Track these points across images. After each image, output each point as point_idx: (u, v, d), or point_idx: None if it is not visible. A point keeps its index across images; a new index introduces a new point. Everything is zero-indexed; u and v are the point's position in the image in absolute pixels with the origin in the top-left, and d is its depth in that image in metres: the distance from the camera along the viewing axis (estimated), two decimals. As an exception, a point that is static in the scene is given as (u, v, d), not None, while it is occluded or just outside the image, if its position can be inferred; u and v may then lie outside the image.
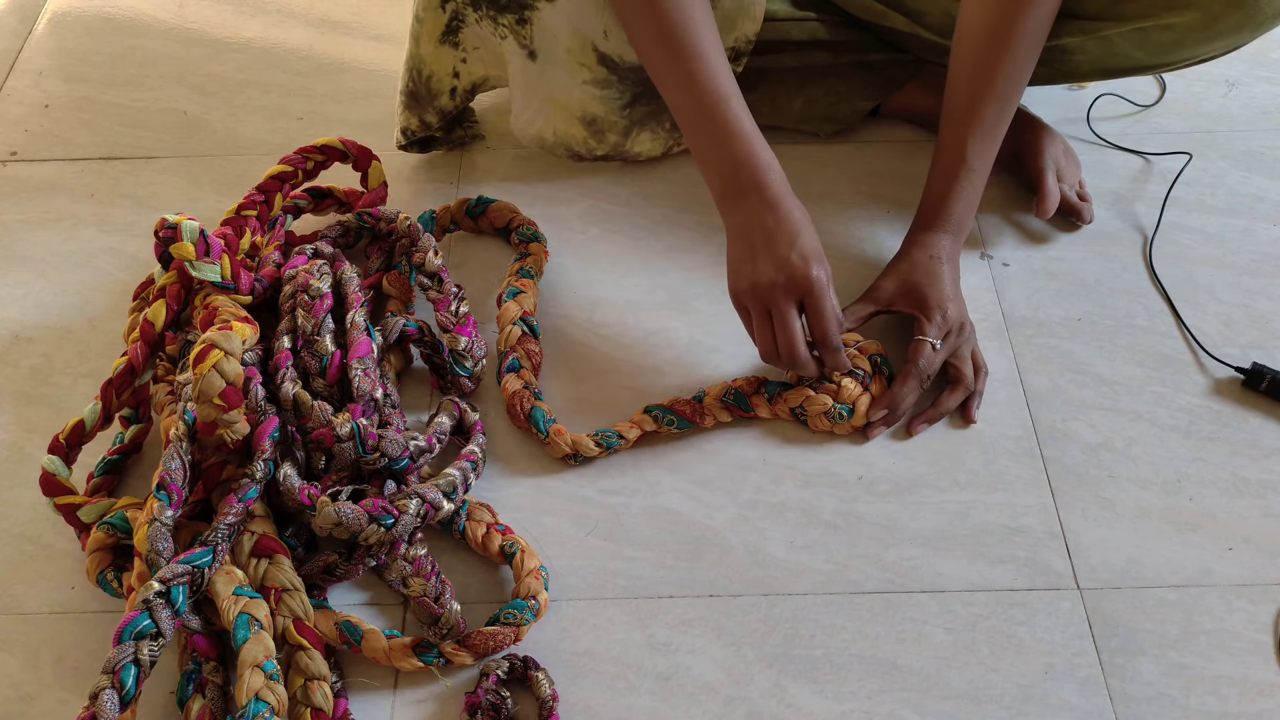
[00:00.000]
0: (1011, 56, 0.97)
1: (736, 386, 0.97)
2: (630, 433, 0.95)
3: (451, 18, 1.09)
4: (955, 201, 1.00)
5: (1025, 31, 0.96)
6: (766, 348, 0.93)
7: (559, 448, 0.94)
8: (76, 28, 1.39)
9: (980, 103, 0.98)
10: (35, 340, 1.05)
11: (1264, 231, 1.12)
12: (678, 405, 0.96)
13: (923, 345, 0.96)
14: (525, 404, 0.96)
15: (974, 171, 1.00)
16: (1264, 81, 1.27)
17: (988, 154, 1.00)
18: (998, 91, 0.98)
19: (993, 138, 1.00)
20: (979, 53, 0.98)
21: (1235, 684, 0.82)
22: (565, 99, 1.12)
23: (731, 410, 0.96)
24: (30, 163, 1.23)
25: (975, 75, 0.98)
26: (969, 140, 0.99)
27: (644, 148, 1.16)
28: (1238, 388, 0.99)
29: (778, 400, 0.96)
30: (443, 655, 0.82)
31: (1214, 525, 0.91)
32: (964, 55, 0.99)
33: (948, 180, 1.00)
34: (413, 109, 1.15)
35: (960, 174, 1.00)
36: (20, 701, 0.83)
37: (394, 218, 1.06)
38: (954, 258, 1.01)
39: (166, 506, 0.81)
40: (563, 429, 0.95)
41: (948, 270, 0.99)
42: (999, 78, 0.98)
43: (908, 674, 0.83)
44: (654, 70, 0.97)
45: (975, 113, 0.99)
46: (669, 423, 0.95)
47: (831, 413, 0.95)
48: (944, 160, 1.01)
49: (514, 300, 1.02)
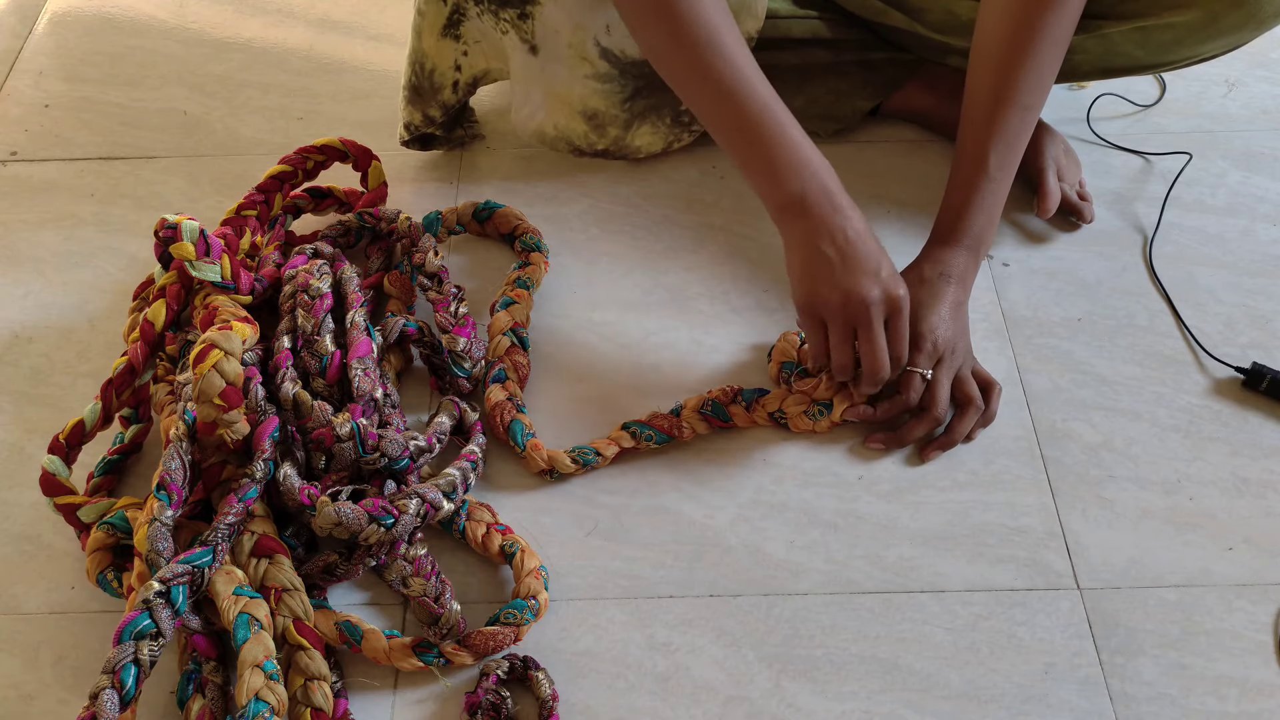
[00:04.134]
0: (1035, 65, 0.95)
1: (713, 397, 0.96)
2: (608, 450, 0.94)
3: (453, 11, 1.09)
4: (976, 214, 0.97)
5: (1048, 39, 0.94)
6: (844, 362, 0.92)
7: (535, 463, 0.93)
8: (76, 28, 1.39)
9: (1003, 111, 0.96)
10: (35, 340, 1.05)
11: (1264, 231, 1.12)
12: (655, 420, 0.95)
13: (912, 376, 0.94)
14: (506, 416, 0.95)
15: (995, 182, 0.97)
16: (1264, 81, 1.27)
17: (1010, 164, 0.97)
18: (1021, 100, 0.95)
19: (1015, 148, 0.97)
20: (1001, 60, 0.95)
21: (1235, 684, 0.82)
22: (566, 93, 1.12)
23: (710, 421, 0.95)
24: (30, 163, 1.23)
25: (997, 83, 0.95)
26: (991, 150, 0.96)
27: (644, 141, 1.16)
28: (1238, 388, 0.99)
29: (755, 407, 0.96)
30: (443, 655, 0.82)
31: (1214, 525, 0.91)
32: (985, 62, 0.97)
33: (967, 191, 0.97)
34: (416, 104, 1.15)
35: (982, 184, 0.97)
36: (20, 701, 0.83)
37: (394, 218, 1.06)
38: (966, 277, 0.97)
39: (166, 506, 0.81)
40: (540, 444, 0.94)
41: (953, 291, 0.96)
42: (1022, 86, 0.95)
43: (908, 674, 0.83)
44: (681, 82, 0.94)
45: (997, 122, 0.96)
46: (647, 438, 0.94)
47: (810, 410, 0.95)
48: (964, 170, 0.98)
49: (506, 311, 1.02)
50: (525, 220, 1.10)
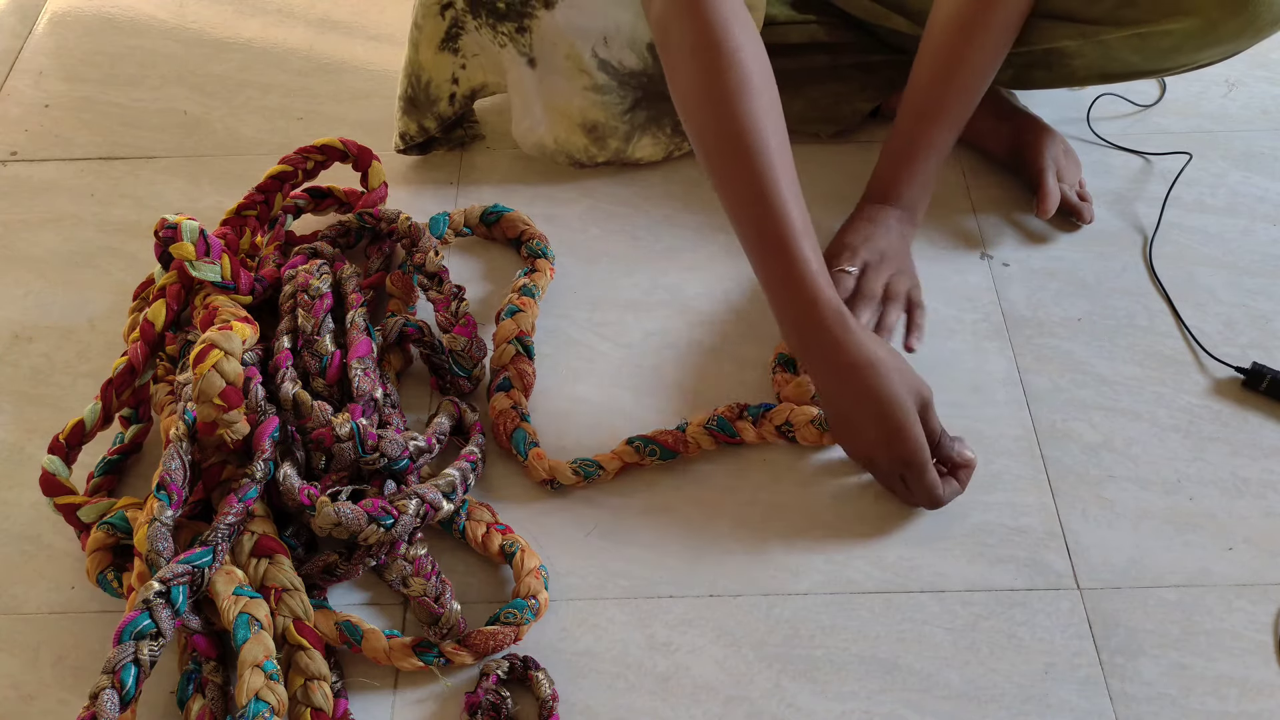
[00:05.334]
0: (976, 52, 0.98)
1: (720, 414, 0.95)
2: (611, 464, 0.93)
3: (451, 25, 1.09)
4: (903, 184, 1.01)
5: (993, 27, 0.97)
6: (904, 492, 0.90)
7: (536, 472, 0.93)
8: (76, 28, 1.39)
9: (940, 93, 0.99)
10: (35, 340, 1.05)
11: (1264, 231, 1.12)
12: (660, 436, 0.94)
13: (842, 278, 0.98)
14: (509, 425, 0.95)
15: (925, 158, 1.01)
16: (1264, 81, 1.27)
17: (943, 142, 1.01)
18: (959, 81, 0.99)
19: (949, 126, 1.01)
20: (944, 45, 0.99)
21: (1235, 684, 0.82)
22: (565, 106, 1.12)
23: (716, 437, 0.94)
24: (30, 163, 1.23)
25: (937, 66, 0.99)
26: (922, 125, 1.00)
27: (646, 153, 1.16)
28: (1238, 388, 0.99)
29: (762, 421, 0.95)
30: (443, 655, 0.82)
31: (1214, 525, 0.91)
32: (930, 46, 1.00)
33: (897, 163, 1.01)
34: (411, 115, 1.15)
35: (911, 159, 1.01)
36: (20, 701, 0.83)
37: (394, 218, 1.06)
38: (902, 231, 1.02)
39: (166, 506, 0.81)
40: (543, 454, 0.93)
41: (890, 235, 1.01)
42: (962, 67, 0.98)
43: (908, 674, 0.83)
44: (716, 175, 0.89)
45: (933, 99, 1.00)
46: (651, 453, 0.93)
47: (818, 420, 0.94)
48: (895, 143, 1.02)
49: (512, 319, 1.01)
50: (533, 225, 1.10)
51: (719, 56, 0.86)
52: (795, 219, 0.86)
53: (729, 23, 0.87)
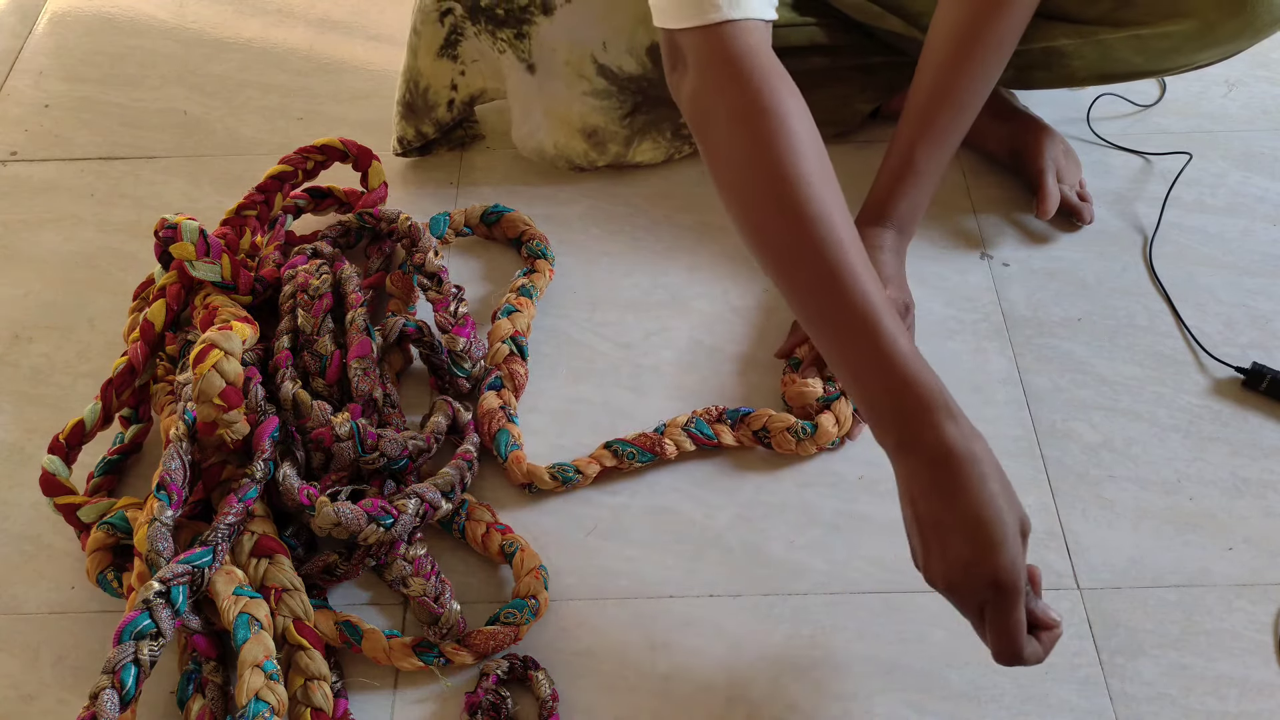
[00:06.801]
0: (974, 67, 0.97)
1: (698, 416, 0.95)
2: (589, 469, 0.92)
3: (450, 31, 1.09)
4: (900, 202, 1.00)
5: (991, 42, 0.96)
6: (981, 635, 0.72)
7: (515, 475, 0.92)
8: (76, 28, 1.39)
9: (937, 108, 0.98)
10: (35, 340, 1.05)
11: (1264, 231, 1.12)
12: (639, 439, 0.94)
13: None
14: (494, 424, 0.94)
15: (922, 176, 0.99)
16: (1264, 81, 1.27)
17: (939, 160, 0.99)
18: (956, 99, 0.97)
19: (946, 144, 0.99)
20: (943, 60, 0.97)
21: (1235, 684, 0.82)
22: (565, 111, 1.12)
23: (694, 439, 0.94)
24: (30, 163, 1.23)
25: (937, 82, 0.98)
26: (920, 146, 0.98)
27: (646, 157, 1.16)
28: (1238, 388, 0.99)
29: (740, 426, 0.95)
30: (443, 655, 0.82)
31: (1214, 525, 0.91)
32: (929, 60, 0.99)
33: (894, 181, 1.00)
34: (409, 119, 1.15)
35: (908, 178, 0.99)
36: (20, 701, 0.83)
37: (394, 218, 1.06)
38: (898, 250, 1.00)
39: (166, 506, 0.81)
40: (522, 456, 0.93)
41: (888, 258, 0.99)
42: (959, 85, 0.97)
43: (908, 674, 0.83)
44: (774, 255, 0.77)
45: (931, 118, 0.98)
46: (629, 456, 0.93)
47: (794, 428, 0.93)
48: (892, 161, 1.00)
49: (508, 318, 1.01)
50: (533, 226, 1.10)
51: (768, 120, 0.77)
52: (874, 295, 0.73)
53: (777, 89, 0.78)
